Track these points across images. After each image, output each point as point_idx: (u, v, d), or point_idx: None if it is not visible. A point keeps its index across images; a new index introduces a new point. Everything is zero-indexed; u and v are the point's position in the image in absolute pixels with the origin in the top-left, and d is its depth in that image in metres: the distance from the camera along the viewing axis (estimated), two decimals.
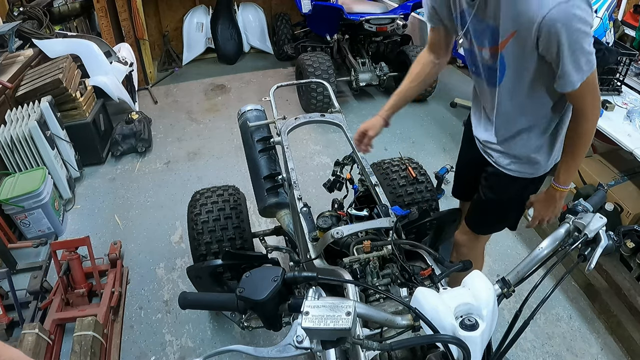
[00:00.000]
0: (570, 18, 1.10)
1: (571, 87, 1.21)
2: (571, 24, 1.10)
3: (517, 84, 1.35)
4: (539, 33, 1.15)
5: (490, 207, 1.69)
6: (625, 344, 2.15)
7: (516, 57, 1.27)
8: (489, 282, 0.86)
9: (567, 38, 1.12)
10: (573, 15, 1.09)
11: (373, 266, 1.28)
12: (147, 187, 3.35)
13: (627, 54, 2.43)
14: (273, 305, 0.89)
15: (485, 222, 1.77)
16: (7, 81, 3.07)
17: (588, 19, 1.12)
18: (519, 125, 1.46)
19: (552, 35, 1.13)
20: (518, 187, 1.58)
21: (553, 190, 1.49)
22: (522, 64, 1.29)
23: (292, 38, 5.27)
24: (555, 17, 1.10)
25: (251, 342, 2.22)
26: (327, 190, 1.95)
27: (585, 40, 1.14)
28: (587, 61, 1.17)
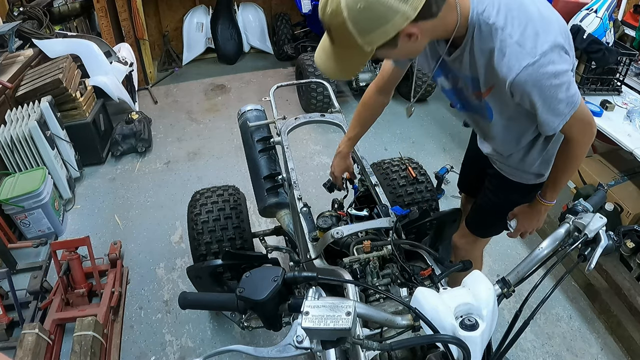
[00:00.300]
0: (539, 78, 1.06)
1: (552, 131, 1.18)
2: (541, 83, 1.06)
3: (507, 121, 1.34)
4: (512, 92, 1.13)
5: (492, 209, 1.68)
6: (625, 344, 2.15)
7: (500, 104, 1.26)
8: (489, 282, 0.86)
9: (539, 96, 1.09)
10: (542, 74, 1.05)
11: (373, 266, 1.28)
12: (147, 187, 3.35)
13: (627, 54, 2.43)
14: (273, 305, 0.89)
15: (485, 224, 1.77)
16: (7, 81, 3.07)
17: (562, 68, 1.06)
18: (518, 147, 1.45)
19: (524, 95, 1.10)
20: (520, 191, 1.58)
21: (538, 204, 1.47)
22: (507, 109, 1.27)
23: (292, 38, 5.26)
24: (523, 80, 1.06)
25: (251, 342, 2.22)
26: (327, 190, 1.95)
27: (561, 90, 1.09)
28: (567, 104, 1.12)
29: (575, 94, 1.12)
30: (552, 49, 1.04)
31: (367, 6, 0.94)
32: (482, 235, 1.81)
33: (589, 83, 2.50)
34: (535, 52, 1.04)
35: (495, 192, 1.65)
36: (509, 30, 1.05)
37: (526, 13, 1.06)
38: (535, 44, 1.04)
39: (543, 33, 1.05)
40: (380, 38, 1.00)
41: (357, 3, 0.94)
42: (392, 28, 0.98)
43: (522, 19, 1.05)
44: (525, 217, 1.54)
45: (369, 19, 0.96)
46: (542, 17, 1.07)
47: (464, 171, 1.97)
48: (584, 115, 1.19)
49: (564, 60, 1.07)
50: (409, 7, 0.95)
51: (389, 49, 1.05)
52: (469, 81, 1.28)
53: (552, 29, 1.07)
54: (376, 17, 0.96)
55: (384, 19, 0.96)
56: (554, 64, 1.05)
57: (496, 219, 1.70)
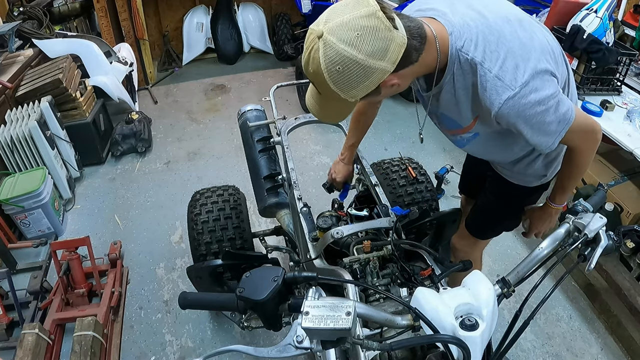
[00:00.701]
0: (522, 109, 1.04)
1: (548, 149, 1.16)
2: (525, 113, 1.05)
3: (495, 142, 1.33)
4: (498, 122, 1.12)
5: (492, 212, 1.69)
6: (625, 344, 2.15)
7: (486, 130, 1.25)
8: (489, 282, 0.86)
9: (525, 124, 1.08)
10: (524, 105, 1.04)
11: (373, 266, 1.28)
12: (147, 187, 3.35)
13: (627, 54, 2.43)
14: (273, 305, 0.89)
15: (485, 226, 1.77)
16: (7, 81, 3.07)
17: (546, 94, 1.04)
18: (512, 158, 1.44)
19: (510, 124, 1.10)
20: (521, 194, 1.58)
21: (549, 208, 1.50)
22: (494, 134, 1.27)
23: (292, 38, 5.26)
24: (506, 112, 1.05)
25: (251, 342, 2.22)
26: (327, 191, 1.95)
27: (548, 114, 1.07)
28: (558, 123, 1.09)
29: (567, 112, 1.09)
30: (533, 77, 1.03)
31: (344, 68, 0.95)
32: (482, 237, 1.80)
33: (589, 83, 2.50)
34: (515, 85, 1.03)
35: (495, 194, 1.64)
36: (487, 64, 1.04)
37: (505, 45, 1.05)
38: (514, 76, 1.03)
39: (522, 63, 1.04)
40: (362, 92, 1.01)
41: (336, 65, 0.95)
42: (373, 83, 0.99)
43: (500, 52, 1.04)
44: (537, 219, 1.57)
45: (348, 79, 0.97)
46: (522, 46, 1.06)
47: (465, 173, 1.97)
48: (582, 126, 1.17)
49: (549, 85, 1.06)
50: (386, 62, 0.96)
51: (374, 96, 1.06)
52: (448, 121, 1.28)
53: (533, 56, 1.05)
54: (355, 77, 0.97)
55: (363, 77, 0.97)
56: (536, 92, 1.04)
57: (496, 221, 1.70)
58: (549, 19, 2.70)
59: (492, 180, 1.62)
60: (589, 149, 1.26)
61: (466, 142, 1.37)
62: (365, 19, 0.93)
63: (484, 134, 1.28)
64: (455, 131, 1.32)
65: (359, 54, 0.93)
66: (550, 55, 1.10)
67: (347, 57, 0.93)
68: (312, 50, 0.99)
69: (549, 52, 1.10)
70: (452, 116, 1.25)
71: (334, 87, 1.00)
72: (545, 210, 1.52)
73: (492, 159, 1.53)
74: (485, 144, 1.35)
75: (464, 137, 1.34)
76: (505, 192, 1.59)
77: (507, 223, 1.72)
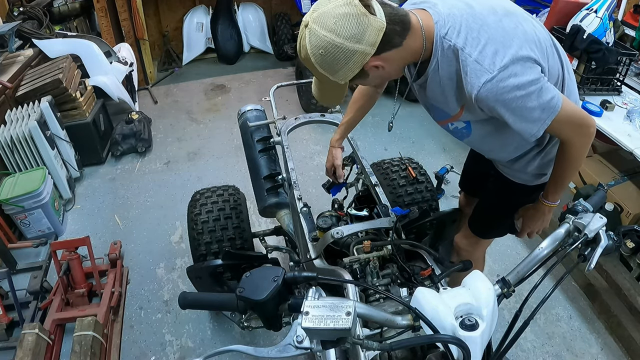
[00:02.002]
0: (500, 93, 1.08)
1: (533, 137, 1.18)
2: (503, 97, 1.08)
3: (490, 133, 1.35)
4: (480, 108, 1.15)
5: (494, 210, 1.68)
6: (625, 344, 2.15)
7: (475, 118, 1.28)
8: (489, 282, 0.86)
9: (505, 109, 1.11)
10: (502, 88, 1.07)
11: (373, 266, 1.28)
12: (147, 187, 3.35)
13: (627, 54, 2.43)
14: (273, 305, 0.89)
15: (487, 225, 1.76)
16: (7, 81, 3.07)
17: (526, 79, 1.07)
18: (513, 155, 1.45)
19: (490, 109, 1.13)
20: (523, 193, 1.57)
21: (542, 206, 1.46)
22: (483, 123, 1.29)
23: (292, 38, 5.26)
24: (484, 96, 1.09)
25: (251, 342, 2.22)
26: (327, 191, 1.95)
27: (530, 99, 1.09)
28: (542, 110, 1.11)
29: (552, 99, 1.11)
30: (513, 62, 1.07)
31: (325, 52, 1.05)
32: (484, 236, 1.80)
33: (589, 83, 2.50)
34: (493, 68, 1.06)
35: (497, 193, 1.64)
36: (468, 49, 1.09)
37: (487, 32, 1.09)
38: (493, 60, 1.07)
39: (502, 49, 1.07)
40: (348, 74, 1.10)
41: (318, 50, 1.05)
42: (355, 65, 1.07)
43: (481, 38, 1.09)
44: (530, 217, 1.54)
45: (331, 61, 1.07)
46: (504, 34, 1.10)
47: (466, 171, 1.98)
48: (572, 117, 1.18)
49: (530, 71, 1.08)
50: (364, 45, 1.04)
51: (362, 79, 1.15)
52: (437, 110, 1.32)
53: (515, 43, 1.09)
54: (337, 60, 1.06)
55: (344, 60, 1.06)
56: (515, 77, 1.06)
57: (499, 220, 1.70)
58: (549, 19, 2.71)
59: (495, 179, 1.62)
60: (581, 144, 1.24)
61: (465, 135, 1.39)
62: (342, 7, 1.03)
63: (475, 123, 1.31)
64: (445, 121, 1.36)
65: (337, 38, 1.03)
66: (535, 45, 1.13)
67: (327, 41, 1.04)
68: (301, 39, 1.09)
69: (534, 42, 1.13)
70: (440, 106, 1.29)
71: (321, 70, 1.10)
72: (538, 208, 1.49)
73: (493, 155, 1.53)
74: (482, 136, 1.37)
75: (458, 127, 1.37)
76: (506, 191, 1.58)
77: (510, 223, 1.72)
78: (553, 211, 1.50)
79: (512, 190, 1.56)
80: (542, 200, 1.46)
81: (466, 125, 1.35)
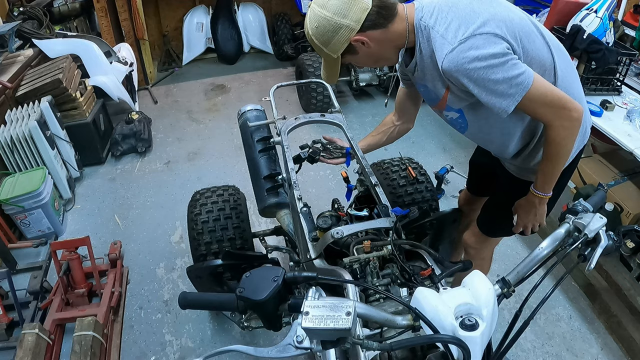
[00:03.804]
0: (460, 63, 1.15)
1: (504, 112, 1.20)
2: (463, 67, 1.15)
3: (483, 122, 1.39)
4: (450, 82, 1.25)
5: (502, 209, 1.68)
6: (625, 344, 2.15)
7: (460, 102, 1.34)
8: (489, 282, 0.86)
9: (468, 80, 1.17)
10: (462, 59, 1.15)
11: (373, 266, 1.28)
12: (147, 187, 3.35)
13: (627, 54, 2.43)
14: (273, 305, 0.89)
15: (495, 223, 1.77)
16: (7, 81, 3.07)
17: (487, 52, 1.12)
18: (512, 148, 1.46)
19: (456, 81, 1.21)
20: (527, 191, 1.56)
21: (532, 196, 1.45)
22: (471, 106, 1.35)
23: (292, 38, 5.26)
24: (447, 67, 1.18)
25: (251, 342, 2.22)
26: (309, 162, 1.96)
27: (492, 72, 1.13)
28: (510, 86, 1.15)
29: (519, 75, 1.14)
30: (474, 36, 1.15)
31: (318, 25, 1.25)
32: (492, 234, 1.80)
33: (589, 83, 2.50)
34: (454, 41, 1.16)
35: (505, 191, 1.66)
36: (436, 28, 1.21)
37: (455, 12, 1.20)
38: (455, 34, 1.17)
39: (465, 24, 1.17)
40: (338, 47, 1.26)
41: (314, 23, 1.25)
42: (343, 38, 1.24)
43: (449, 17, 1.20)
44: (522, 210, 1.53)
45: (323, 34, 1.25)
46: (471, 13, 1.19)
47: (472, 170, 1.99)
48: (547, 97, 1.19)
49: (493, 46, 1.14)
50: (349, 20, 1.21)
51: (352, 55, 1.31)
52: (430, 93, 1.39)
53: (478, 20, 1.17)
54: (327, 32, 1.24)
55: (332, 32, 1.24)
56: (476, 49, 1.14)
57: (506, 218, 1.69)
58: (549, 19, 2.70)
59: (501, 177, 1.65)
60: (562, 128, 1.23)
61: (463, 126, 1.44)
62: None
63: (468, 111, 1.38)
64: (437, 106, 1.43)
65: (327, 13, 1.22)
66: (504, 24, 1.18)
67: (320, 16, 1.23)
68: (305, 17, 1.29)
69: (503, 21, 1.19)
70: (430, 87, 1.38)
71: (317, 43, 1.28)
72: (529, 199, 1.47)
73: (495, 149, 1.54)
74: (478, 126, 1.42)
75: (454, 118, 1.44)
76: (513, 189, 1.59)
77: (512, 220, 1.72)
78: (546, 203, 1.47)
79: (518, 188, 1.57)
80: (532, 190, 1.44)
81: (460, 115, 1.41)
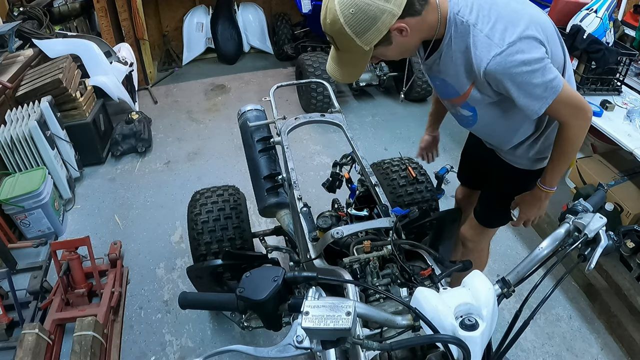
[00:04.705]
0: (508, 67, 1.15)
1: (535, 114, 1.25)
2: (510, 71, 1.15)
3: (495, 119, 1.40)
4: (488, 82, 1.23)
5: (500, 198, 1.71)
6: (625, 344, 2.15)
7: (481, 100, 1.33)
8: (489, 282, 0.86)
9: (511, 83, 1.18)
10: (510, 62, 1.14)
11: (373, 266, 1.28)
12: (147, 187, 3.35)
13: (627, 54, 2.43)
14: (273, 305, 0.89)
15: (493, 213, 1.79)
16: (7, 81, 3.06)
17: (532, 56, 1.15)
18: (515, 141, 1.49)
19: (498, 82, 1.20)
20: (527, 178, 1.60)
21: (539, 191, 1.48)
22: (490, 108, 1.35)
23: (292, 38, 5.26)
24: (493, 69, 1.16)
25: (251, 342, 2.22)
26: (327, 190, 1.95)
27: (534, 76, 1.16)
28: (545, 89, 1.19)
29: (554, 79, 1.18)
30: (520, 39, 1.14)
31: (357, 10, 1.09)
32: (490, 225, 1.82)
33: (589, 83, 2.50)
34: (503, 43, 1.14)
35: (501, 181, 1.68)
36: (479, 26, 1.17)
37: (497, 11, 1.18)
38: (503, 36, 1.15)
39: (511, 26, 1.15)
40: (375, 36, 1.14)
41: (349, 8, 1.09)
42: (383, 25, 1.12)
43: (491, 16, 1.17)
44: (526, 205, 1.56)
45: (361, 21, 1.10)
46: (513, 13, 1.18)
47: (464, 163, 1.99)
48: (571, 99, 1.25)
49: (535, 50, 1.16)
50: (392, 5, 1.10)
51: (385, 47, 1.20)
52: (449, 87, 1.37)
53: (522, 22, 1.16)
54: (367, 18, 1.10)
55: (374, 18, 1.10)
56: (522, 53, 1.14)
57: (503, 207, 1.72)
58: None
59: (497, 168, 1.65)
60: (579, 127, 1.30)
61: (471, 122, 1.45)
62: None
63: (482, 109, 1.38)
64: (454, 100, 1.40)
65: None
66: (540, 28, 1.20)
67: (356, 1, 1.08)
68: (328, 2, 1.13)
69: (540, 25, 1.21)
70: (451, 82, 1.34)
71: (349, 32, 1.12)
72: (535, 194, 1.50)
73: (497, 142, 1.56)
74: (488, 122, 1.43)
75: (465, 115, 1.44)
76: (510, 178, 1.62)
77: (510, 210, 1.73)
78: (550, 198, 1.51)
79: (515, 177, 1.60)
80: (540, 186, 1.48)
81: (472, 114, 1.41)
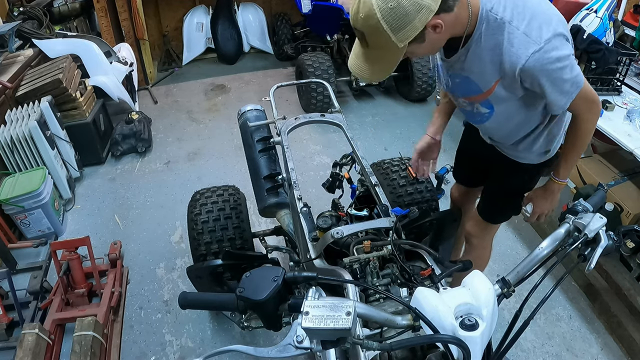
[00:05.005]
0: (546, 63, 1.18)
1: (561, 109, 1.32)
2: (547, 68, 1.19)
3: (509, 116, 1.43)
4: (521, 79, 1.24)
5: (504, 194, 1.73)
6: (625, 344, 2.15)
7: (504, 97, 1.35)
8: (489, 282, 0.86)
9: (547, 79, 1.21)
10: (548, 59, 1.18)
11: (373, 266, 1.28)
12: (147, 187, 3.35)
13: (627, 54, 2.43)
14: (273, 305, 0.89)
15: (497, 209, 1.81)
16: (7, 81, 3.06)
17: (564, 53, 1.20)
18: (520, 135, 1.51)
19: (533, 79, 1.22)
20: (529, 171, 1.63)
21: (552, 184, 1.55)
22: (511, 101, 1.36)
23: (292, 38, 5.26)
24: (531, 66, 1.19)
25: (251, 342, 2.22)
26: (327, 191, 1.95)
27: (565, 72, 1.21)
28: (572, 84, 1.24)
29: (578, 74, 1.24)
30: (555, 37, 1.18)
31: (396, 5, 1.06)
32: (494, 221, 1.84)
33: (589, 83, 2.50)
34: (540, 40, 1.17)
35: (504, 176, 1.69)
36: (515, 23, 1.18)
37: (530, 9, 1.20)
38: (540, 33, 1.17)
39: (545, 24, 1.18)
40: (412, 33, 1.11)
41: (388, 3, 1.06)
42: (420, 22, 1.09)
43: (526, 13, 1.19)
44: (540, 199, 1.60)
45: (399, 16, 1.07)
46: (544, 12, 1.21)
47: (461, 162, 1.99)
48: (587, 94, 1.32)
49: (566, 47, 1.21)
50: (430, 0, 1.07)
51: (418, 44, 1.17)
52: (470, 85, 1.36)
53: (553, 20, 1.21)
54: (405, 14, 1.07)
55: (412, 14, 1.07)
56: (557, 50, 1.18)
57: (508, 203, 1.75)
58: None
59: (499, 163, 1.66)
60: (591, 120, 1.38)
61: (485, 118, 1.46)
62: None
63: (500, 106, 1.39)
64: (475, 97, 1.40)
65: None
66: (565, 26, 1.25)
67: None
68: None
69: (564, 23, 1.26)
70: (475, 79, 1.34)
71: (386, 27, 1.09)
72: (549, 187, 1.56)
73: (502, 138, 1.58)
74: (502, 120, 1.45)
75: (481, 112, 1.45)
76: (513, 172, 1.64)
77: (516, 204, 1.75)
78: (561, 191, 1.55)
79: (519, 171, 1.63)
80: (554, 179, 1.53)
81: (489, 111, 1.43)
